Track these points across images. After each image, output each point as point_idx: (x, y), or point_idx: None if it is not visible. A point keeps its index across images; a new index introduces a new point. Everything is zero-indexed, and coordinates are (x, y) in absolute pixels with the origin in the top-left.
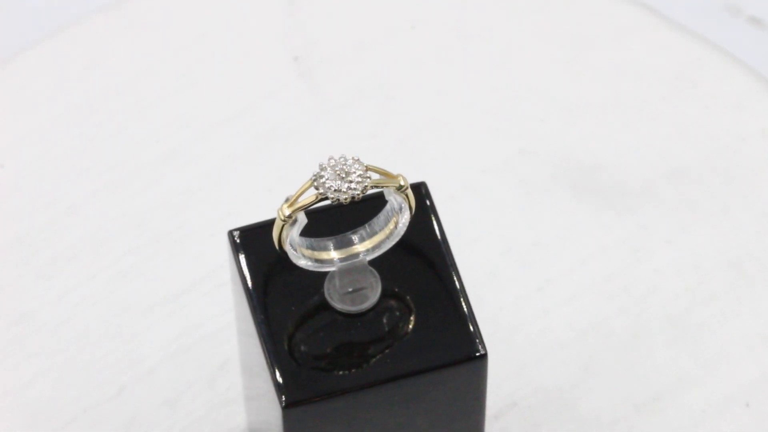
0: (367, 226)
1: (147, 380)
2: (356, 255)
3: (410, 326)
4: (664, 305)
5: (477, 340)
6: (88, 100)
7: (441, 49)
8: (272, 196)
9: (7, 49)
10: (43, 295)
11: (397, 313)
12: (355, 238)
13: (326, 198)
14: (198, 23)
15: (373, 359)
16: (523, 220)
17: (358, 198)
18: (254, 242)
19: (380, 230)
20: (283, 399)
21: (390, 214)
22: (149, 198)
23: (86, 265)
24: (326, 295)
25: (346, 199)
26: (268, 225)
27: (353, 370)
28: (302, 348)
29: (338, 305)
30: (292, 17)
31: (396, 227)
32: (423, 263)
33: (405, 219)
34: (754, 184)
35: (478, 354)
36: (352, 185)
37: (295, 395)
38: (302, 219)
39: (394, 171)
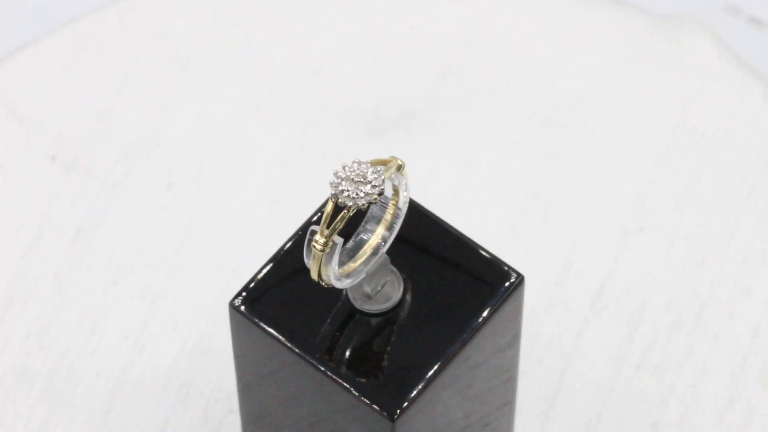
0: (365, 223)
1: None
2: (378, 248)
3: (443, 294)
4: (506, 195)
5: (506, 268)
6: None
7: (167, 72)
8: (118, 290)
9: None
10: None
11: (426, 290)
12: (364, 236)
13: (358, 207)
14: None
15: (433, 338)
16: None
17: (383, 192)
18: (255, 301)
19: (382, 217)
20: (386, 414)
21: (384, 199)
22: (9, 354)
23: None
24: (357, 305)
25: (375, 199)
26: (258, 279)
27: (422, 356)
28: (363, 361)
29: (373, 308)
30: (22, 124)
31: (398, 206)
32: (412, 235)
33: (405, 195)
34: (513, 58)
35: (515, 279)
36: (374, 183)
37: (395, 405)
38: (339, 241)
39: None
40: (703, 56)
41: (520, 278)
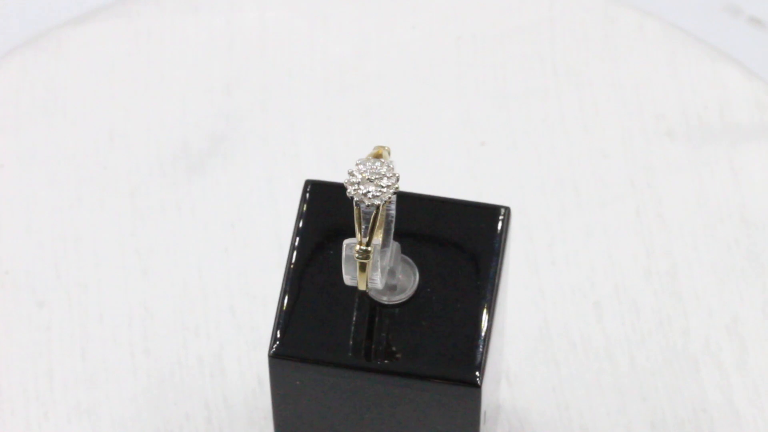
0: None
1: None
2: (385, 240)
3: (451, 257)
4: (345, 172)
5: (493, 206)
6: None
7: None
8: (51, 418)
9: None
10: None
11: (434, 260)
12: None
13: (384, 203)
14: None
15: (465, 300)
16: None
17: (399, 178)
18: (290, 344)
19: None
20: (472, 383)
21: None
22: None
23: None
24: (383, 301)
25: (397, 188)
26: (281, 325)
27: (466, 319)
28: (421, 348)
29: (402, 297)
30: None
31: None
32: (399, 217)
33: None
34: (278, 48)
35: (505, 212)
36: (388, 175)
37: (473, 372)
38: (378, 242)
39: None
40: None
41: (508, 210)
